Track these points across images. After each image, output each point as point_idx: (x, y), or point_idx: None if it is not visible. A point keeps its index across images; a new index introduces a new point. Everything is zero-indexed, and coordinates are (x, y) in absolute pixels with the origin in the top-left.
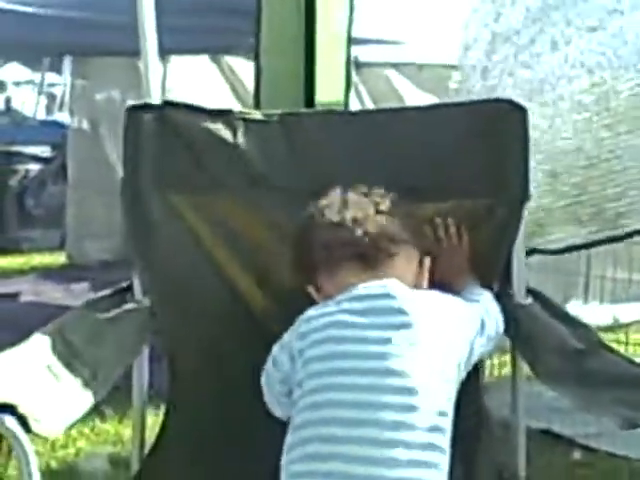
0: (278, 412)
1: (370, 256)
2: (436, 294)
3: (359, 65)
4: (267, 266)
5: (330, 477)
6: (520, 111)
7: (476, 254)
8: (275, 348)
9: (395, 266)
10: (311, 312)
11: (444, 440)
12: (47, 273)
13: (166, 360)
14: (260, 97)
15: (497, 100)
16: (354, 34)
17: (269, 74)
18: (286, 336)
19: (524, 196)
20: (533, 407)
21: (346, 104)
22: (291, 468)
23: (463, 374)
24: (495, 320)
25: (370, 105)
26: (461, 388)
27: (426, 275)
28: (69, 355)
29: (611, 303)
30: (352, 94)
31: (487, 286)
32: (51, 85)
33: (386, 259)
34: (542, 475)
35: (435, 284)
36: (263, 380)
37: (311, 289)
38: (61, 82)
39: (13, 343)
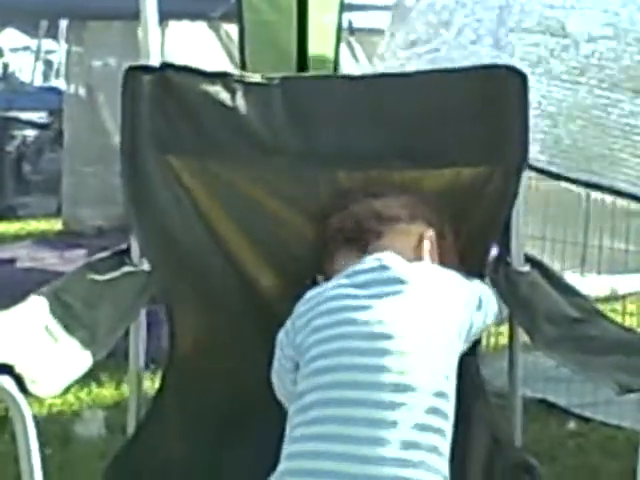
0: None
1: (357, 239)
2: (433, 266)
3: (353, 31)
4: (264, 228)
5: (329, 440)
6: (519, 77)
7: (474, 221)
8: (280, 335)
9: (386, 244)
10: (310, 293)
11: (448, 406)
12: (43, 239)
13: (161, 325)
14: (245, 58)
15: (496, 66)
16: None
17: (253, 34)
18: (289, 322)
19: (523, 163)
20: (528, 376)
21: (335, 69)
22: (294, 432)
23: (464, 346)
24: (492, 298)
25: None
26: (464, 357)
27: (427, 248)
28: (67, 316)
29: (608, 274)
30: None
31: (485, 253)
32: (48, 52)
33: (374, 239)
34: (536, 444)
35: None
36: (274, 376)
37: (320, 279)
38: (58, 49)
39: (8, 309)
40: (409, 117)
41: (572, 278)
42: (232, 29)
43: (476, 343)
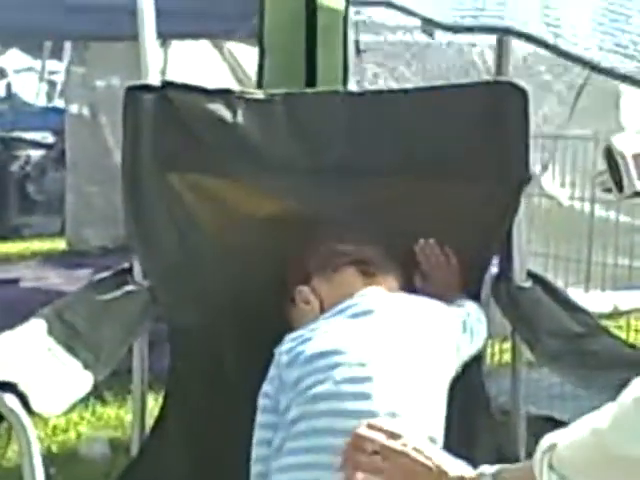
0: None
1: (369, 264)
2: (413, 297)
3: (360, 50)
4: (267, 245)
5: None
6: (520, 93)
7: (475, 236)
8: (265, 388)
9: (387, 283)
10: (294, 334)
11: (436, 430)
12: (47, 259)
13: (167, 344)
14: (263, 78)
15: (497, 82)
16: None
17: (273, 55)
18: (272, 370)
19: (524, 178)
20: (534, 394)
21: (344, 87)
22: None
23: (453, 370)
24: (478, 320)
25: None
26: (462, 374)
27: None
28: (70, 336)
29: (612, 290)
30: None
31: (485, 268)
32: (52, 72)
33: (380, 274)
34: None
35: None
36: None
37: (305, 289)
38: (62, 69)
39: (13, 328)
40: (411, 133)
41: (576, 294)
42: (235, 48)
43: (480, 360)
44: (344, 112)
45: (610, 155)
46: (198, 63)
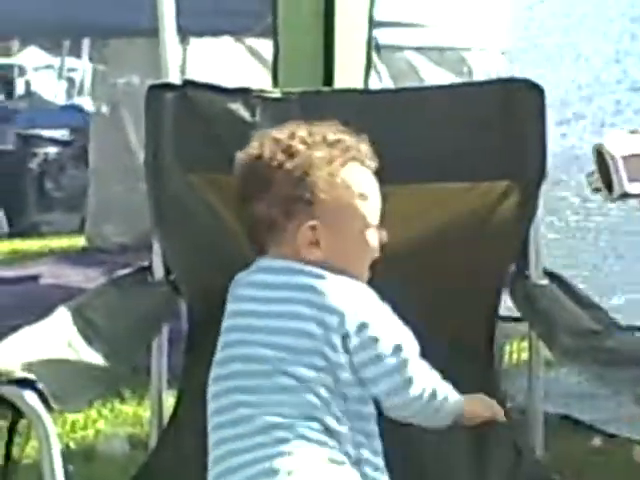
0: None
1: (254, 247)
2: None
3: (379, 47)
4: None
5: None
6: (537, 91)
7: (492, 235)
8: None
9: (273, 252)
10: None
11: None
12: (66, 256)
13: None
14: (278, 76)
15: (514, 80)
16: (376, 17)
17: (287, 52)
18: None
19: (541, 176)
20: (552, 392)
21: (366, 85)
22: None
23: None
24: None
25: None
26: (479, 373)
27: (304, 242)
28: (89, 332)
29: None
30: (372, 76)
31: (503, 267)
32: (70, 70)
33: (261, 251)
34: (561, 460)
35: None
36: None
37: None
38: (80, 67)
39: (33, 325)
40: (428, 131)
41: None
42: (254, 42)
43: (498, 360)
44: (361, 110)
45: (600, 156)
46: (222, 59)
